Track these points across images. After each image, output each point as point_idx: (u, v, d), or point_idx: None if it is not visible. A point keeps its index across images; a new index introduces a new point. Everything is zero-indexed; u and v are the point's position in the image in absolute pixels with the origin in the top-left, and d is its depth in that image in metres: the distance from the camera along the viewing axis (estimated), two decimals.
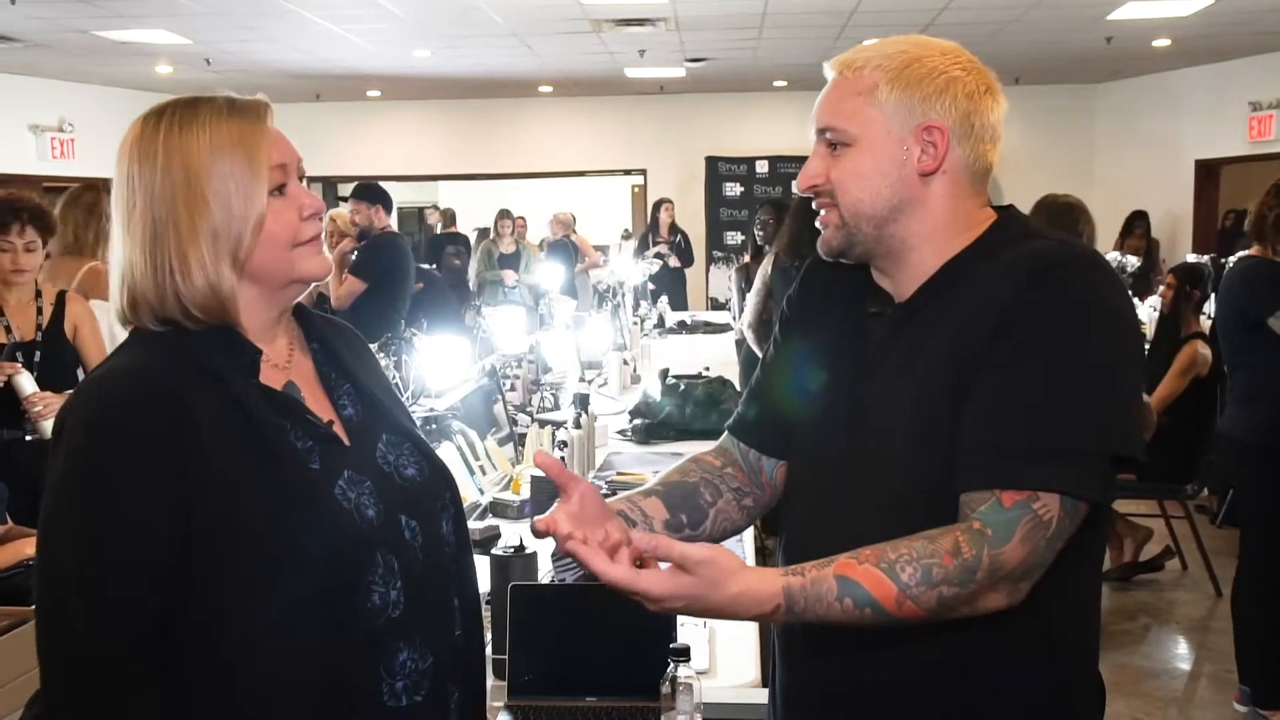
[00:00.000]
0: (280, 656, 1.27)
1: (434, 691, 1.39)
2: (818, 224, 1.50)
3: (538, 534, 1.37)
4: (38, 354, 3.72)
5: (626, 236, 12.81)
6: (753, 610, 1.29)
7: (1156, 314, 6.03)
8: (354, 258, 5.92)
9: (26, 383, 3.57)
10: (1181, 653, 4.70)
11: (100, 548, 1.24)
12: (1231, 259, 4.51)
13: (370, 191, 6.10)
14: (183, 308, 1.32)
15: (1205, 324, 5.38)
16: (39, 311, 3.78)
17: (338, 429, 1.41)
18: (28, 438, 3.55)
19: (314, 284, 1.44)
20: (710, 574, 1.26)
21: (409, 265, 6.11)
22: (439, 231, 12.71)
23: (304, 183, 1.41)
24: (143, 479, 1.24)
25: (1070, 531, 1.32)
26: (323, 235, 1.42)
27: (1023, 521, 1.29)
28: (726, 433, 1.69)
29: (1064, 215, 4.24)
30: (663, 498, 1.59)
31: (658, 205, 11.48)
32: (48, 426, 3.54)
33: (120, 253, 1.35)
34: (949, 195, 1.44)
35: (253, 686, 1.27)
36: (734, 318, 6.80)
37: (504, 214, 10.68)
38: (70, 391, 3.55)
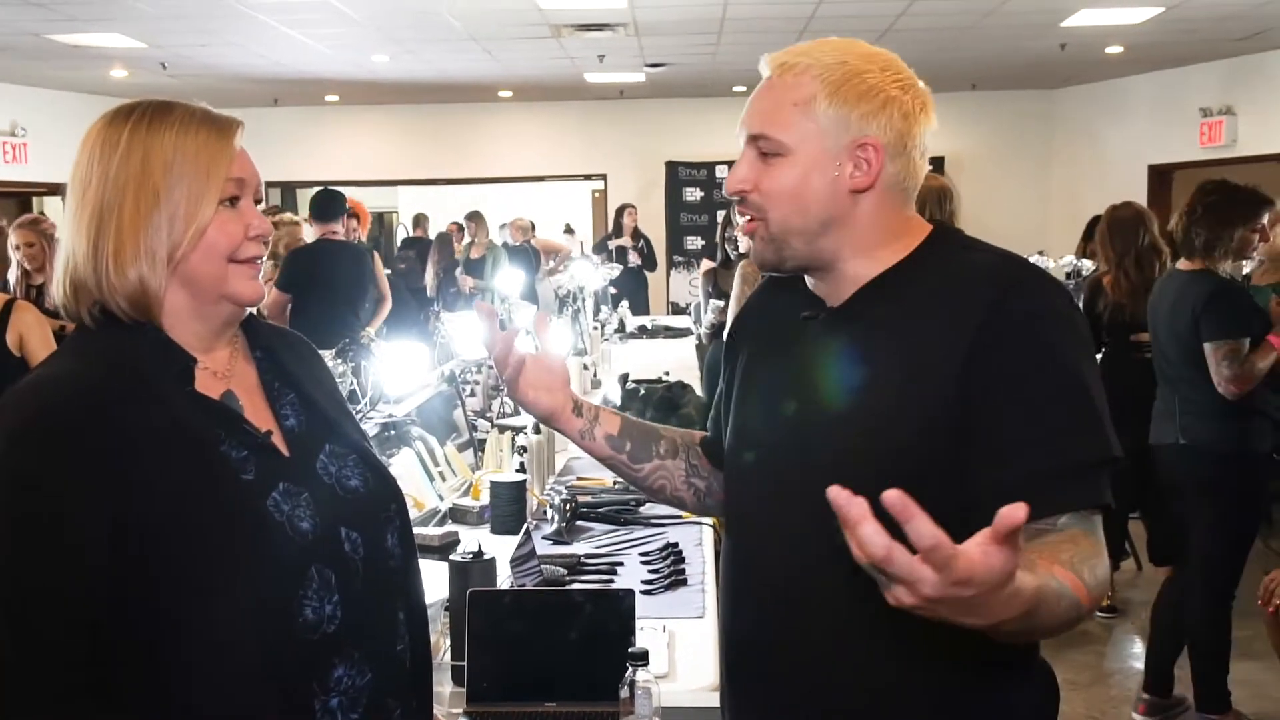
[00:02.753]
0: (214, 671, 1.25)
1: (372, 708, 1.37)
2: (739, 234, 1.51)
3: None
4: None
5: (569, 231, 12.80)
6: (1010, 611, 1.10)
7: None
8: None
9: None
10: (1137, 652, 4.75)
11: (26, 568, 1.22)
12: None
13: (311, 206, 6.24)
14: (114, 299, 1.32)
15: None
16: None
17: (277, 439, 1.39)
18: None
19: (248, 308, 1.42)
20: (1016, 561, 1.06)
21: (331, 272, 6.03)
22: (403, 237, 12.64)
23: (259, 205, 1.41)
24: (70, 493, 1.22)
25: None
26: (261, 262, 1.41)
27: (1099, 531, 1.34)
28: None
29: (1129, 226, 4.46)
30: (622, 419, 1.73)
31: (620, 210, 11.47)
32: None
33: (65, 239, 1.35)
34: (877, 211, 1.44)
35: (188, 700, 1.25)
36: (694, 322, 6.80)
37: (471, 216, 10.57)
38: None
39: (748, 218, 1.47)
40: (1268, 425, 3.83)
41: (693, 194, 13.02)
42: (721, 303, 5.93)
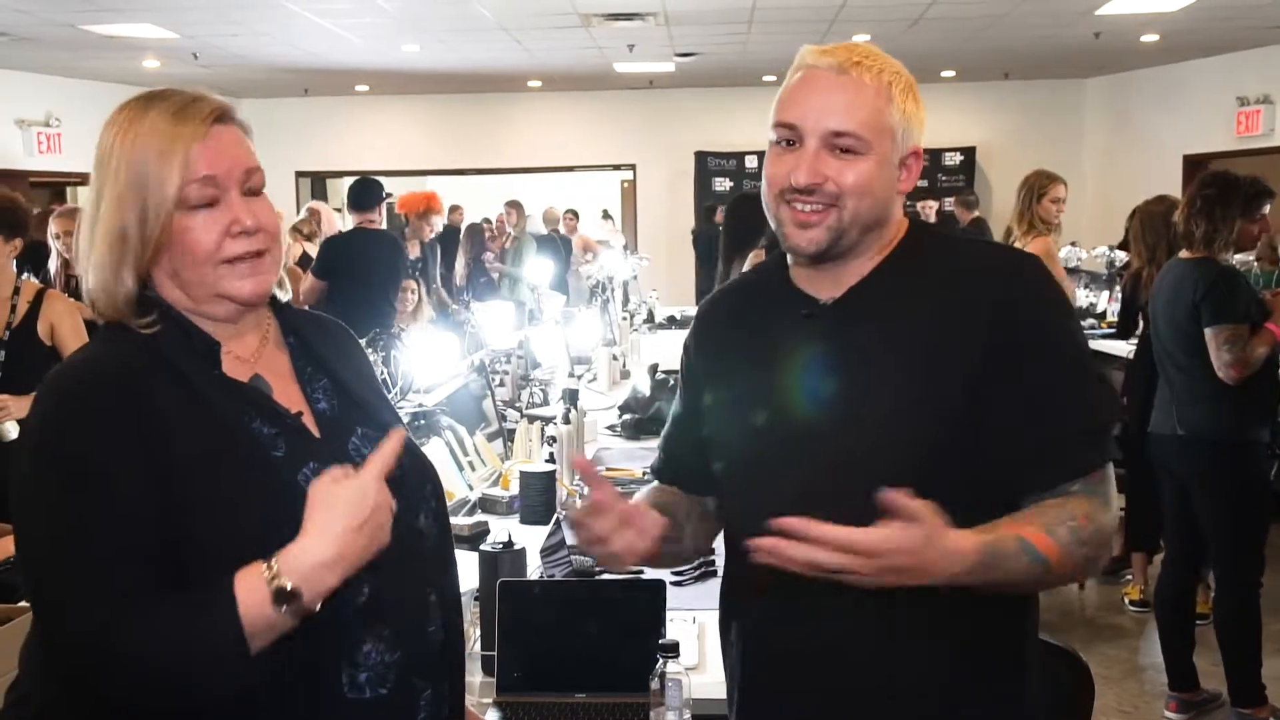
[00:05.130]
0: None
1: (400, 686, 1.37)
2: (797, 222, 1.47)
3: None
4: (2, 353, 3.67)
5: (606, 217, 12.80)
6: (955, 567, 1.31)
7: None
8: None
9: None
10: None
11: (81, 541, 1.22)
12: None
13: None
14: (104, 310, 1.34)
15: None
16: (12, 309, 3.72)
17: (307, 420, 1.40)
18: None
19: (249, 306, 1.39)
20: (935, 524, 1.29)
21: (367, 260, 6.02)
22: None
23: (254, 195, 1.37)
24: (109, 465, 1.23)
25: None
26: (273, 249, 1.38)
27: (1109, 492, 1.44)
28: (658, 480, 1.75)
29: (1161, 220, 4.52)
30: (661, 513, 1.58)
31: (714, 209, 11.29)
32: (7, 429, 3.50)
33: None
34: (899, 211, 1.54)
35: None
36: None
37: (512, 204, 10.64)
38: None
39: (813, 207, 1.46)
40: (1264, 414, 3.84)
41: (722, 184, 12.98)
42: None
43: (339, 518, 1.24)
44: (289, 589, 1.20)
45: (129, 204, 1.31)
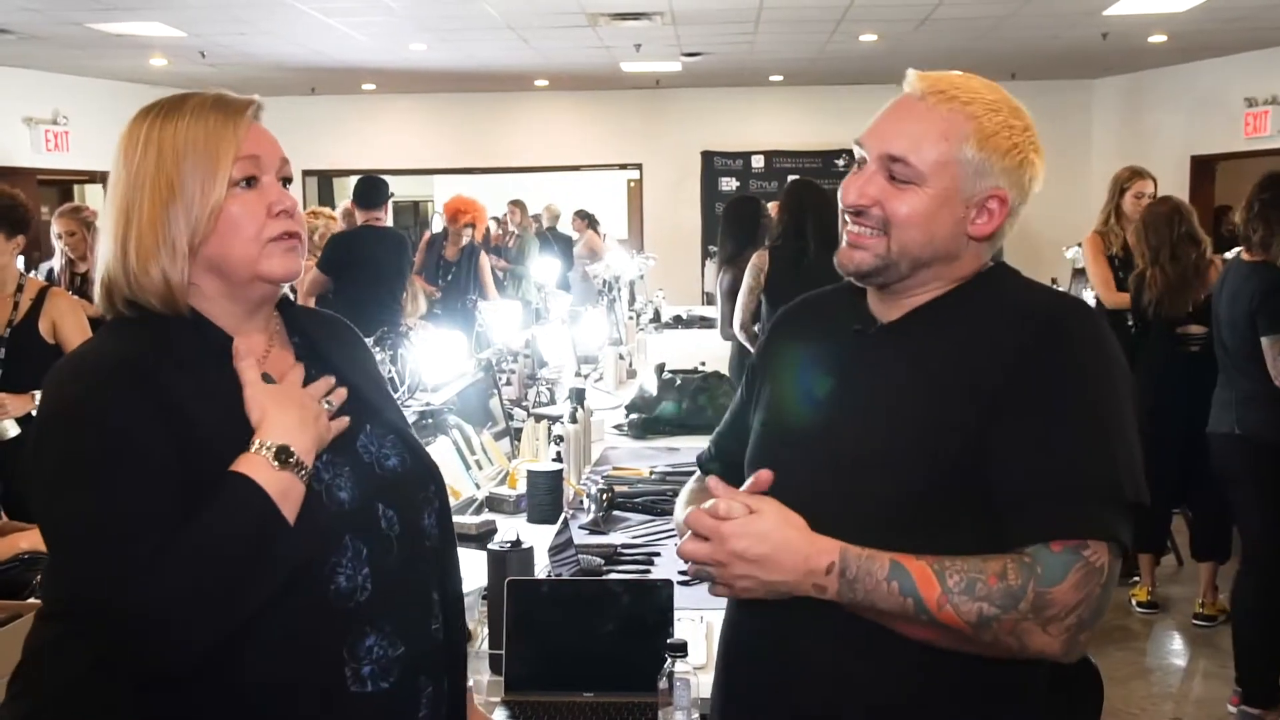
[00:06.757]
0: (249, 632, 1.25)
1: (402, 681, 1.38)
2: (849, 241, 1.47)
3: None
4: (2, 351, 3.67)
5: (592, 224, 12.78)
6: (811, 561, 1.33)
7: None
8: None
9: None
10: (1177, 648, 4.70)
11: (115, 519, 1.22)
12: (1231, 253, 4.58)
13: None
14: (144, 297, 1.34)
15: None
16: (14, 306, 3.72)
17: None
18: None
19: (283, 284, 1.43)
20: (782, 513, 1.35)
21: (373, 257, 6.05)
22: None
23: (287, 185, 1.41)
24: (136, 440, 1.23)
25: (1115, 579, 1.35)
26: (303, 237, 1.42)
27: (1075, 567, 1.31)
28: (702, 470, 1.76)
29: (1164, 221, 4.53)
30: None
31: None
32: (6, 427, 3.51)
33: (101, 241, 1.38)
34: (976, 257, 1.48)
35: (215, 658, 1.24)
36: (727, 323, 6.65)
37: (514, 203, 10.73)
38: (35, 392, 3.55)
39: (864, 230, 1.45)
40: None
41: (728, 184, 12.96)
42: None
43: (278, 406, 1.32)
44: (278, 444, 1.27)
45: (178, 188, 1.32)
